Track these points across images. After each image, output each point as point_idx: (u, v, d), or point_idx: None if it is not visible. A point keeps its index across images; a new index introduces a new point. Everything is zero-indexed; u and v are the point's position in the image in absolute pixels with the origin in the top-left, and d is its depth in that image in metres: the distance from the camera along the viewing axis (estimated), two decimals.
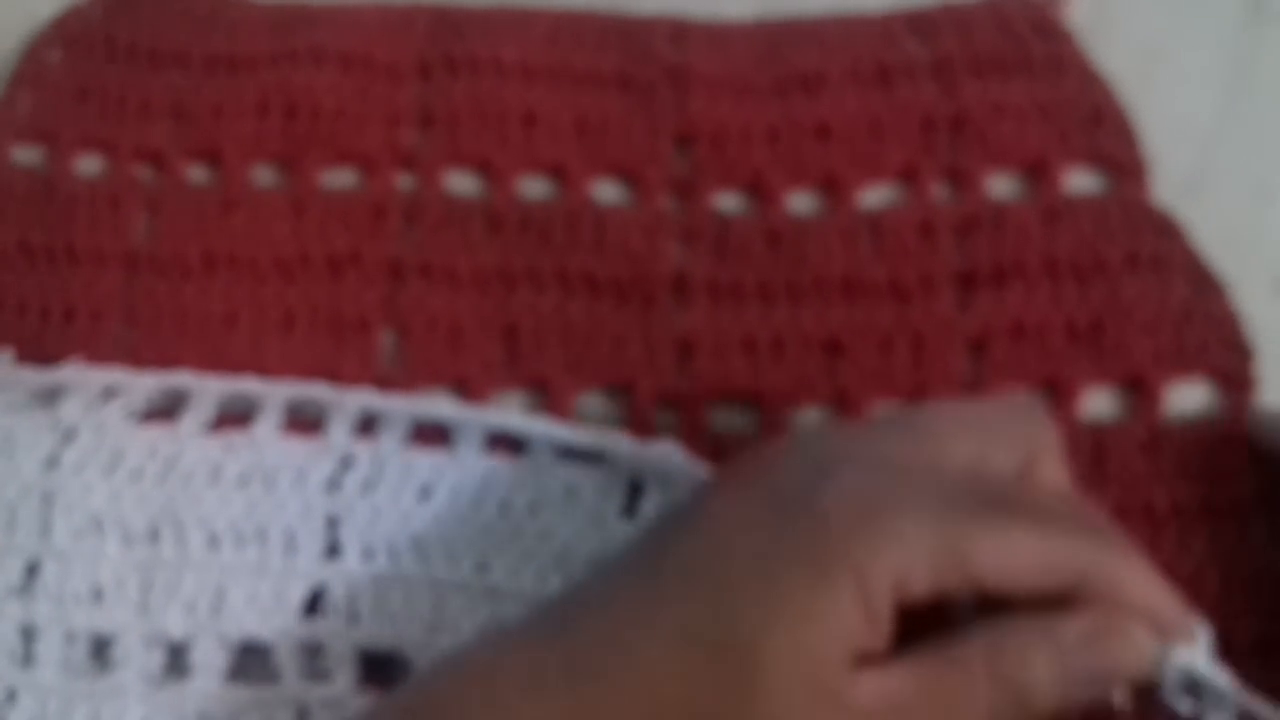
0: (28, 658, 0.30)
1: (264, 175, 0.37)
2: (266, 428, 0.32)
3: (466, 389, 0.34)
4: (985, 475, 0.25)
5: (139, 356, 0.34)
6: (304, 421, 0.33)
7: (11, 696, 0.30)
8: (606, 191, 0.36)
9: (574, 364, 0.34)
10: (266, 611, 0.30)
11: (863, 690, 0.23)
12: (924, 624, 0.24)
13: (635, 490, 0.31)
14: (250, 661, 0.30)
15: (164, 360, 0.34)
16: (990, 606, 0.24)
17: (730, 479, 0.26)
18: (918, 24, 0.38)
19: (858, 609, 0.23)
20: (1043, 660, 0.23)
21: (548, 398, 0.33)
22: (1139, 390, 0.32)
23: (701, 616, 0.23)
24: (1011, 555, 0.24)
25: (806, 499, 0.24)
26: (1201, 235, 0.34)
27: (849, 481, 0.24)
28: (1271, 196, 0.35)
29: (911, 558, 0.23)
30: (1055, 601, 0.24)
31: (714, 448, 0.32)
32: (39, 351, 0.34)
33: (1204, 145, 0.35)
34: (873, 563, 0.23)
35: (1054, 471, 0.26)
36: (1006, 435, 0.26)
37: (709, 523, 0.25)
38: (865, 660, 0.23)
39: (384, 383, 0.33)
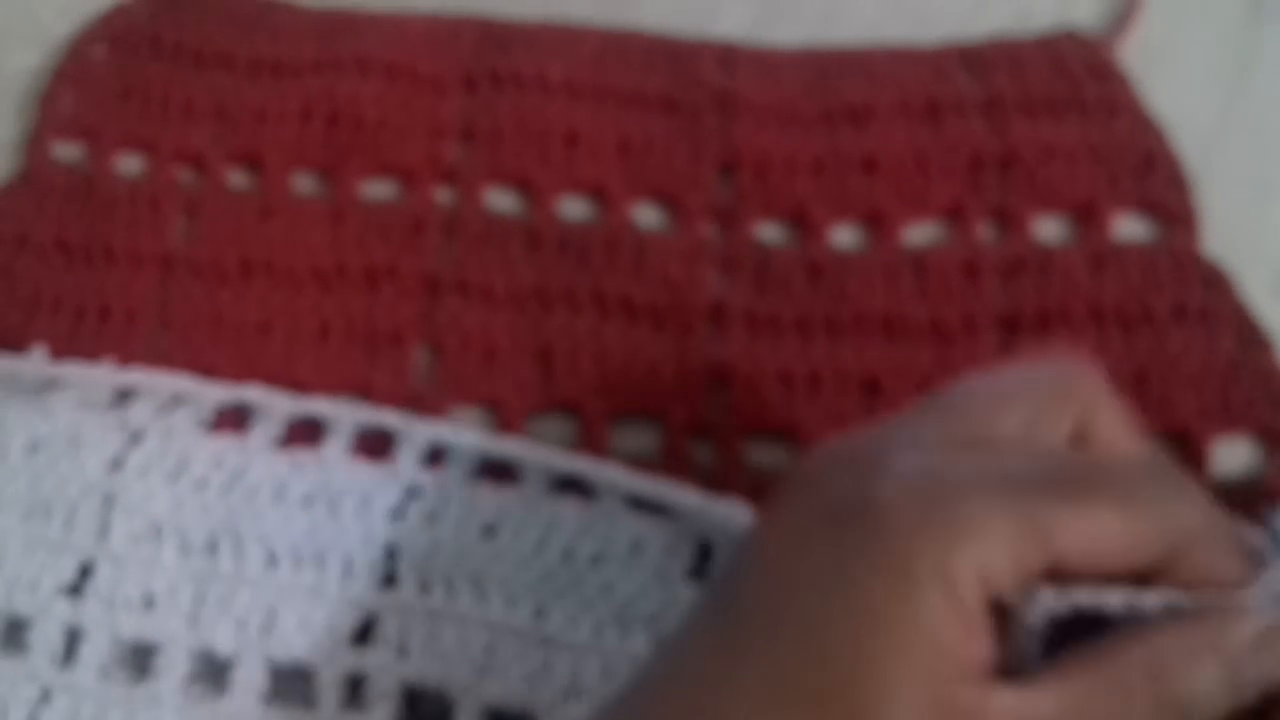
0: (69, 658, 0.30)
1: (304, 183, 0.37)
2: (335, 449, 0.31)
3: (499, 409, 0.33)
4: (1044, 446, 0.22)
5: (172, 359, 0.34)
6: (369, 444, 0.32)
7: (46, 696, 0.30)
8: (647, 215, 0.36)
9: (608, 389, 0.33)
10: (316, 636, 0.29)
11: (999, 712, 0.20)
12: None
13: (705, 552, 0.30)
14: (290, 685, 0.29)
15: (197, 365, 0.34)
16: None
17: (774, 507, 0.23)
18: (970, 59, 0.37)
19: (952, 613, 0.20)
20: (1213, 674, 0.21)
21: (581, 422, 0.33)
22: (1184, 446, 0.31)
23: (788, 664, 0.20)
24: (1097, 533, 0.21)
25: (860, 498, 0.21)
26: (1202, 234, 0.34)
27: (900, 468, 0.21)
28: (1272, 195, 0.35)
29: (990, 545, 0.20)
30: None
31: (751, 483, 0.31)
32: (73, 350, 0.34)
33: (1204, 144, 0.35)
34: (952, 557, 0.20)
35: (1114, 427, 0.23)
36: (1052, 398, 0.23)
37: (765, 557, 0.22)
38: (985, 672, 0.21)
39: (416, 399, 0.33)
